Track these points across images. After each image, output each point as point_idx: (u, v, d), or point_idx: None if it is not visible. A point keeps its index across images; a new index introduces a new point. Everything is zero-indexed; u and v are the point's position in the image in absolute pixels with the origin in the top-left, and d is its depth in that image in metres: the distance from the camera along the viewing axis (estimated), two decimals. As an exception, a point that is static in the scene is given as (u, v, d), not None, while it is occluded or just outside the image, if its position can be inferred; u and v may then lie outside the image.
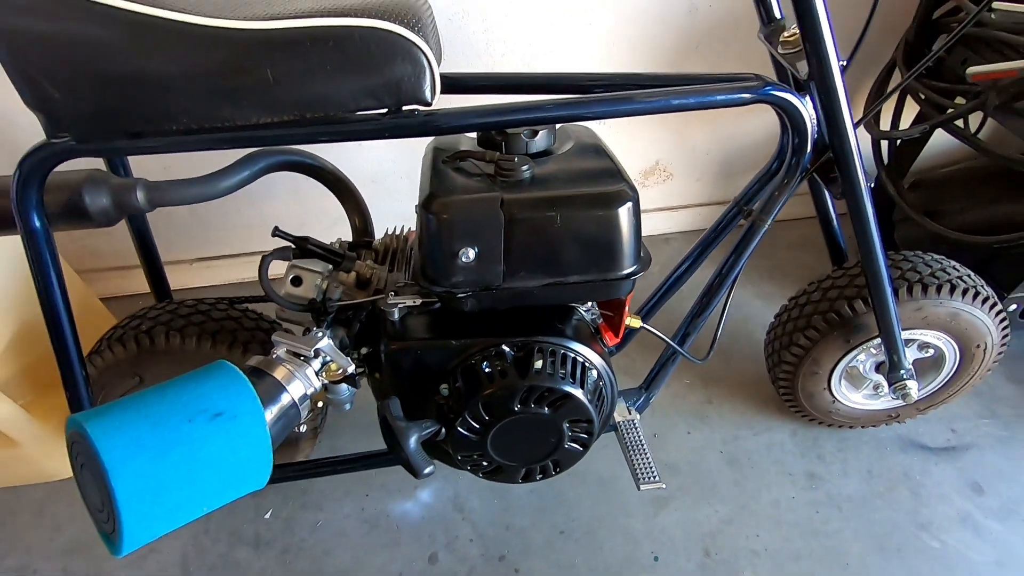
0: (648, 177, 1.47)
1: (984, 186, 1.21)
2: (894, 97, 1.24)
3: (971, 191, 1.20)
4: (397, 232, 0.88)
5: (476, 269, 0.62)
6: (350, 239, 0.90)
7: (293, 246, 0.76)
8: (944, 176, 1.30)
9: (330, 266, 0.78)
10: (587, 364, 0.71)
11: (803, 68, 0.69)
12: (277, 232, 0.74)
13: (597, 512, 1.06)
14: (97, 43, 0.53)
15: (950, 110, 0.99)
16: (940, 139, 1.19)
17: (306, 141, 0.63)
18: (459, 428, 0.69)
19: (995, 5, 0.91)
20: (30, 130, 1.03)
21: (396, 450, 0.66)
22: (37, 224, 0.65)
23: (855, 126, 0.70)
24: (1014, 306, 1.18)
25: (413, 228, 0.93)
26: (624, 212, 0.61)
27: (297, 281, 0.77)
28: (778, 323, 1.07)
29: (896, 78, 1.22)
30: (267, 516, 1.05)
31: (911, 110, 1.22)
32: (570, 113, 0.64)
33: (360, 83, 0.59)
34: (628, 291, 0.68)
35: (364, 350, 0.76)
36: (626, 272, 0.64)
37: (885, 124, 1.26)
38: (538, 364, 0.67)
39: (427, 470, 0.65)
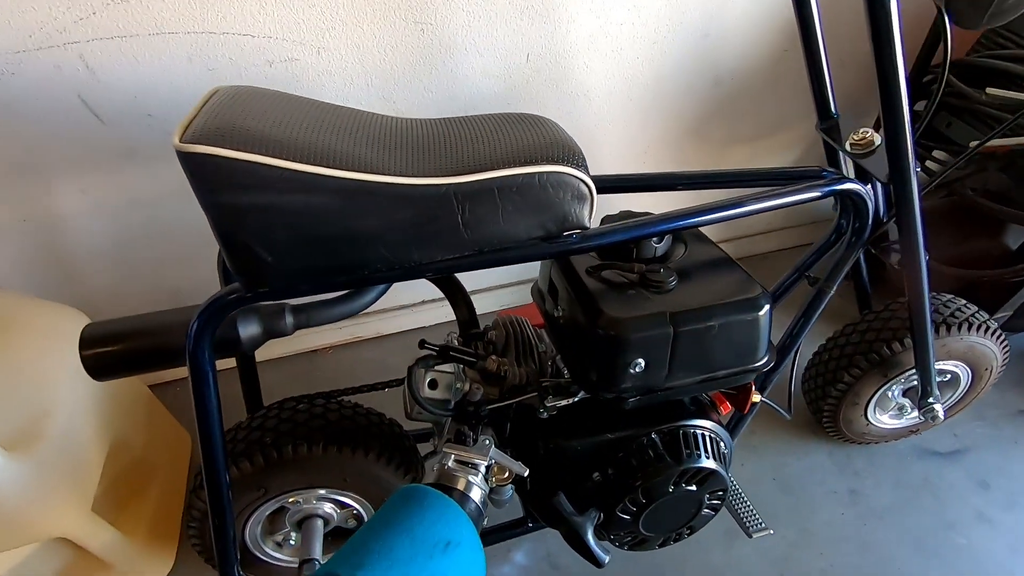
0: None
1: (959, 224, 1.40)
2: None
3: (951, 228, 1.39)
4: (502, 320, 0.93)
5: (644, 375, 0.69)
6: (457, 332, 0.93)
7: (436, 353, 0.79)
8: (925, 211, 1.49)
9: (460, 366, 0.82)
10: (717, 437, 0.80)
11: (876, 166, 0.81)
12: (424, 344, 0.78)
13: (679, 553, 1.15)
14: (312, 210, 0.56)
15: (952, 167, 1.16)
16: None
17: (474, 268, 0.68)
18: (618, 512, 0.75)
19: (988, 91, 1.09)
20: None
21: (573, 541, 0.72)
22: (207, 366, 0.66)
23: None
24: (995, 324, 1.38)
25: (505, 308, 0.99)
26: (765, 313, 0.70)
27: (433, 384, 0.81)
28: (819, 361, 1.21)
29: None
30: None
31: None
32: (692, 222, 0.73)
33: (536, 219, 0.64)
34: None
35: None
36: (763, 362, 0.74)
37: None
38: (687, 448, 0.75)
39: (606, 559, 0.71)
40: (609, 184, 0.84)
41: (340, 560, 0.56)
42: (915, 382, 1.12)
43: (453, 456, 0.72)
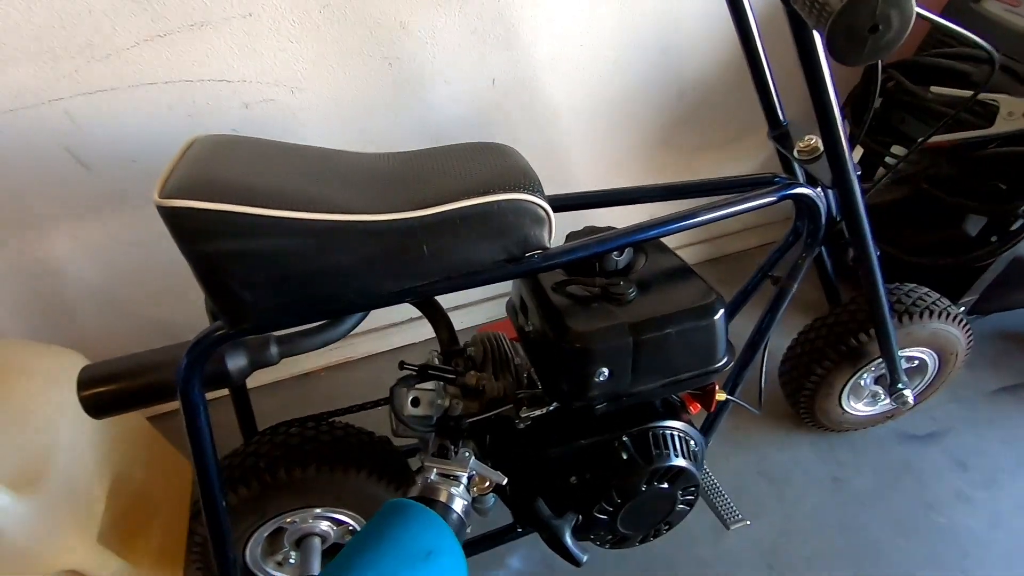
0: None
1: (922, 215, 1.44)
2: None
3: (915, 220, 1.44)
4: (480, 336, 0.98)
5: (609, 383, 0.73)
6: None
7: (415, 373, 0.84)
8: (885, 205, 1.54)
9: (441, 383, 0.87)
10: (686, 436, 0.84)
11: (821, 172, 0.85)
12: (404, 365, 0.82)
13: (669, 548, 1.19)
14: (287, 251, 0.61)
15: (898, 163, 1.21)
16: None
17: (444, 292, 0.72)
18: (595, 513, 0.79)
19: (932, 89, 1.14)
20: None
21: (553, 543, 0.76)
22: (198, 400, 0.71)
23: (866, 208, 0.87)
24: (961, 308, 1.42)
25: (484, 323, 1.04)
26: (720, 318, 0.75)
27: (416, 402, 0.85)
28: (792, 356, 1.25)
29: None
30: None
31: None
32: (648, 235, 0.77)
33: (498, 244, 0.69)
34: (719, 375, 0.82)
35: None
36: (722, 363, 0.78)
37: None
38: (656, 449, 0.79)
39: (584, 558, 0.75)
40: (573, 202, 0.89)
41: (329, 574, 0.60)
42: (884, 370, 1.17)
43: (435, 470, 0.77)
